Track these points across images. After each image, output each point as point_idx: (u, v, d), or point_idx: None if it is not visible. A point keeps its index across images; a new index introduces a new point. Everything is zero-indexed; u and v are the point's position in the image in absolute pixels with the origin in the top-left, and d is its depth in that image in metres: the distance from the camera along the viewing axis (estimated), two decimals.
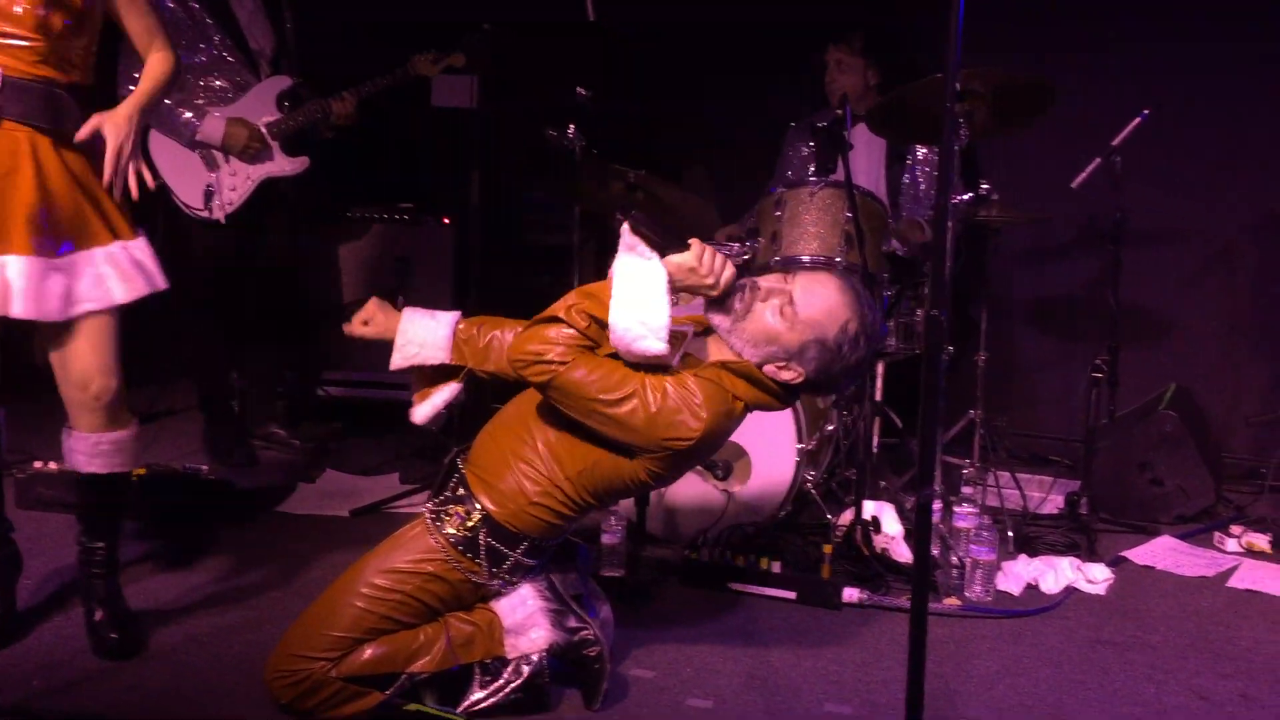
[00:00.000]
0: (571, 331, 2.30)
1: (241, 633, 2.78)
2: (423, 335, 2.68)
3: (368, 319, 2.76)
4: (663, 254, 2.32)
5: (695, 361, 2.45)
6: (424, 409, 2.67)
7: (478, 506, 2.41)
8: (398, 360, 2.69)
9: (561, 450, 2.40)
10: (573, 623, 2.48)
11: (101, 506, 2.73)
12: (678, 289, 2.35)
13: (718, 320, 2.42)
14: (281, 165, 4.11)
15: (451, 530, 2.41)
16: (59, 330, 2.55)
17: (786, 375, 2.40)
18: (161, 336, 3.88)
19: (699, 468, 3.49)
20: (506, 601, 2.46)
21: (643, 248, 2.32)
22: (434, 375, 2.70)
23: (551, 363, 2.28)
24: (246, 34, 4.05)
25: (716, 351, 2.46)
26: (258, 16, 4.09)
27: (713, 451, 2.57)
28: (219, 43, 3.97)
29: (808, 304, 2.38)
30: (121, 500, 2.77)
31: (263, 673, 2.38)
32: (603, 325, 2.31)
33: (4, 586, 2.74)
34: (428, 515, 2.46)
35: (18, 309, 2.43)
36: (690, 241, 2.34)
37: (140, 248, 2.63)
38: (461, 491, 2.44)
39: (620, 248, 2.35)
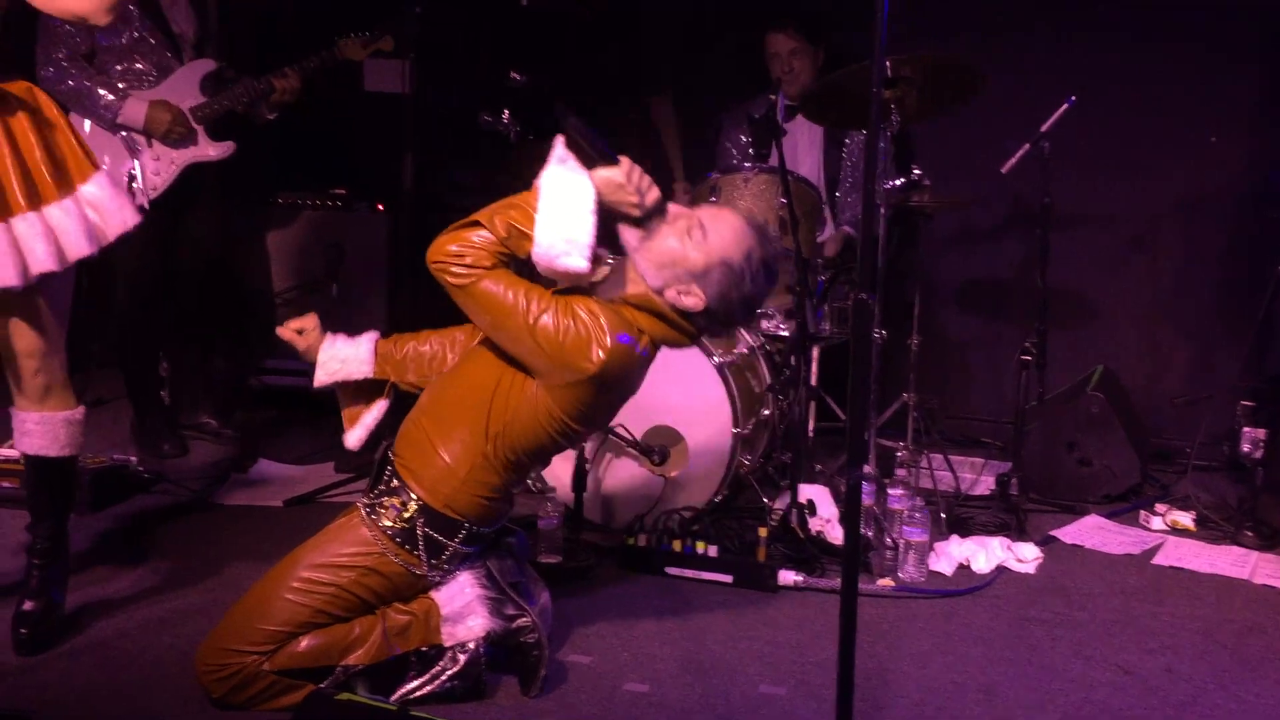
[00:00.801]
0: (491, 237, 2.31)
1: (172, 626, 2.74)
2: (345, 353, 2.70)
3: (303, 329, 2.74)
4: (592, 169, 2.32)
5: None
6: (356, 433, 2.69)
7: (413, 497, 2.40)
8: (321, 377, 2.70)
9: (476, 419, 2.39)
10: (510, 610, 2.48)
11: (44, 490, 2.68)
12: (603, 205, 2.34)
13: (629, 237, 2.42)
14: (206, 150, 4.04)
15: (388, 523, 2.40)
16: (8, 301, 2.47)
17: (688, 301, 2.41)
18: (89, 325, 3.80)
19: (635, 452, 3.50)
20: (444, 590, 2.45)
21: (574, 163, 2.33)
22: (359, 395, 2.71)
23: (472, 267, 2.29)
24: (168, 16, 3.97)
25: (622, 287, 2.47)
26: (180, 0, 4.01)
27: (620, 390, 2.48)
28: (139, 25, 3.89)
29: (716, 228, 2.41)
30: (66, 485, 2.72)
31: (194, 665, 2.35)
32: (524, 236, 2.31)
33: None
34: (362, 508, 2.44)
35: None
36: (620, 158, 2.34)
37: (101, 183, 2.55)
38: (395, 483, 2.43)
39: (551, 159, 2.35)
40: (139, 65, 3.93)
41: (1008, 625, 2.98)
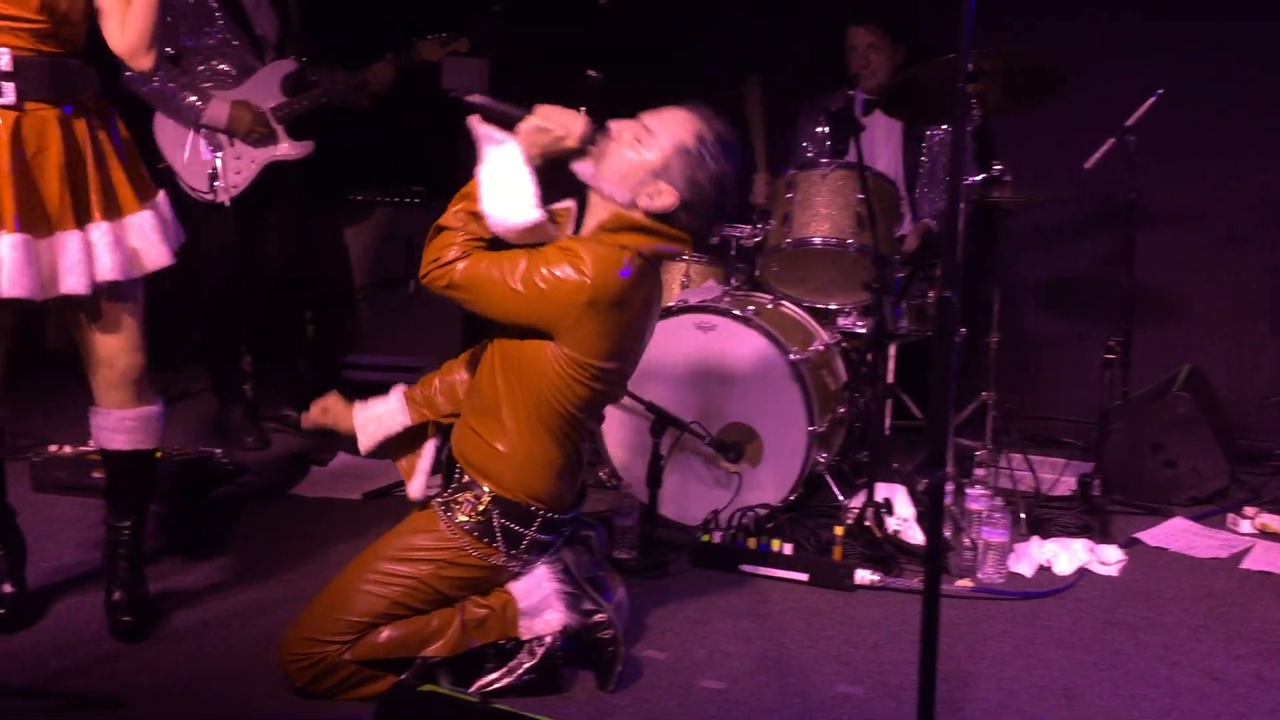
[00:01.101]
0: (456, 234, 2.36)
1: (255, 616, 2.79)
2: (378, 411, 2.70)
3: (326, 408, 2.77)
4: (515, 130, 2.38)
5: None
6: (417, 480, 2.65)
7: (485, 490, 2.42)
8: (364, 442, 2.69)
9: (513, 400, 2.40)
10: (587, 605, 2.49)
11: (127, 485, 2.75)
12: (539, 156, 2.39)
13: (582, 170, 2.45)
14: (286, 149, 4.11)
15: (463, 518, 2.42)
16: (85, 306, 2.56)
17: (661, 201, 2.40)
18: (174, 321, 3.89)
19: (710, 449, 3.49)
20: (522, 584, 2.46)
21: (495, 133, 2.38)
22: (407, 446, 2.70)
23: (450, 261, 2.34)
24: (252, 19, 4.05)
25: (595, 218, 2.49)
26: (263, 1, 4.09)
27: (625, 312, 2.39)
28: (224, 27, 3.97)
29: (660, 123, 2.44)
30: (146, 479, 2.79)
31: (277, 655, 2.40)
32: (479, 216, 2.35)
33: (13, 571, 2.75)
34: (438, 506, 2.47)
35: (64, 286, 2.46)
36: (535, 107, 2.39)
37: (164, 205, 2.65)
38: (466, 479, 2.45)
39: (478, 144, 2.40)
40: (222, 66, 4.01)
41: (1090, 629, 2.92)
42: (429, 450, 2.66)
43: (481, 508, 2.41)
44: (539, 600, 2.44)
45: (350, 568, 2.46)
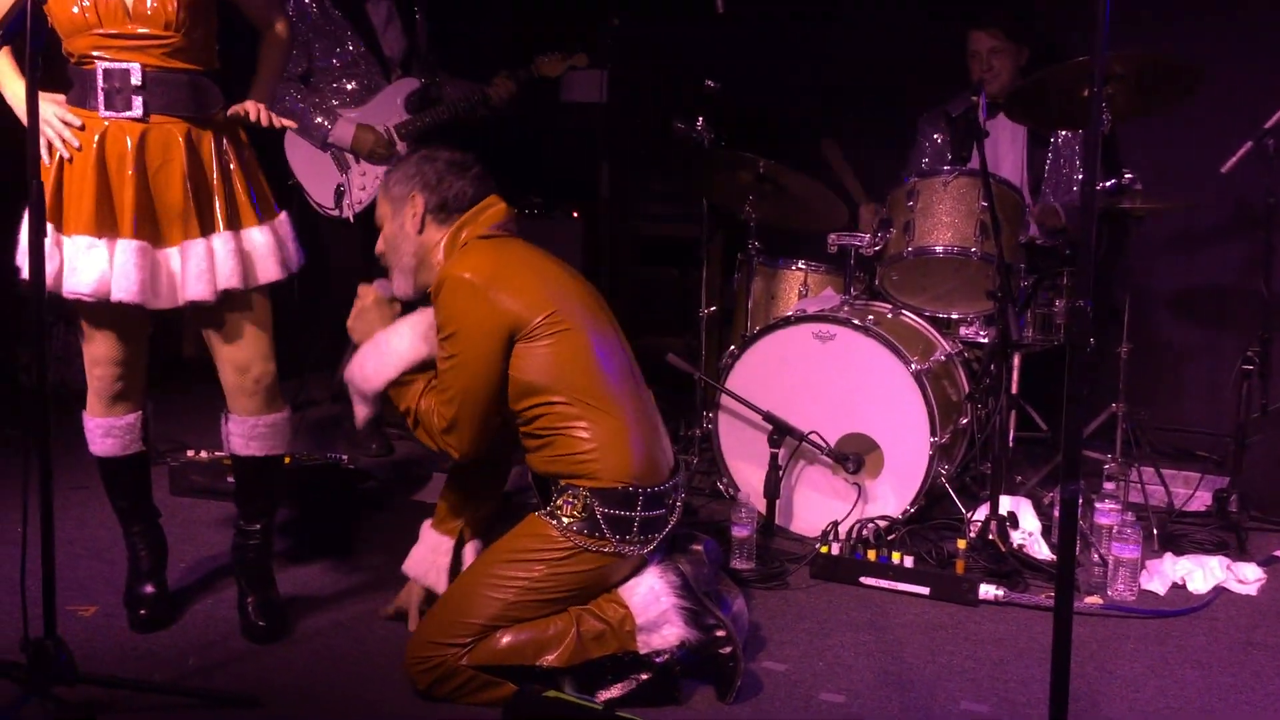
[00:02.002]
0: (411, 408, 2.59)
1: (383, 619, 2.85)
2: (422, 555, 2.86)
3: (400, 609, 2.88)
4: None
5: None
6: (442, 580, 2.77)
7: (579, 489, 2.44)
8: (436, 581, 2.82)
9: (539, 414, 2.50)
10: (709, 620, 2.48)
11: (257, 489, 2.84)
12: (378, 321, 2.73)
13: (400, 283, 2.70)
14: None
15: (568, 519, 2.44)
16: (217, 315, 2.67)
17: (418, 206, 2.62)
18: (300, 330, 4.00)
19: (830, 460, 3.46)
20: (640, 598, 2.46)
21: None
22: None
23: (444, 428, 2.53)
24: (381, 40, 4.15)
25: (428, 271, 2.67)
26: (393, 21, 4.19)
27: (513, 270, 2.57)
28: (354, 48, 4.08)
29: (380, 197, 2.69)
30: (275, 483, 2.89)
31: (404, 658, 2.45)
32: (400, 384, 2.61)
33: (155, 572, 2.86)
34: (544, 516, 2.49)
35: (189, 293, 2.58)
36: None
37: (284, 225, 2.75)
38: (561, 484, 2.48)
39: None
40: (350, 85, 4.12)
41: (1228, 650, 2.82)
42: (469, 550, 2.79)
43: (581, 505, 2.43)
44: (656, 615, 2.44)
45: (467, 573, 2.51)
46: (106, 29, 2.50)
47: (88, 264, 2.50)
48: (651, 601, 2.46)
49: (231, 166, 2.66)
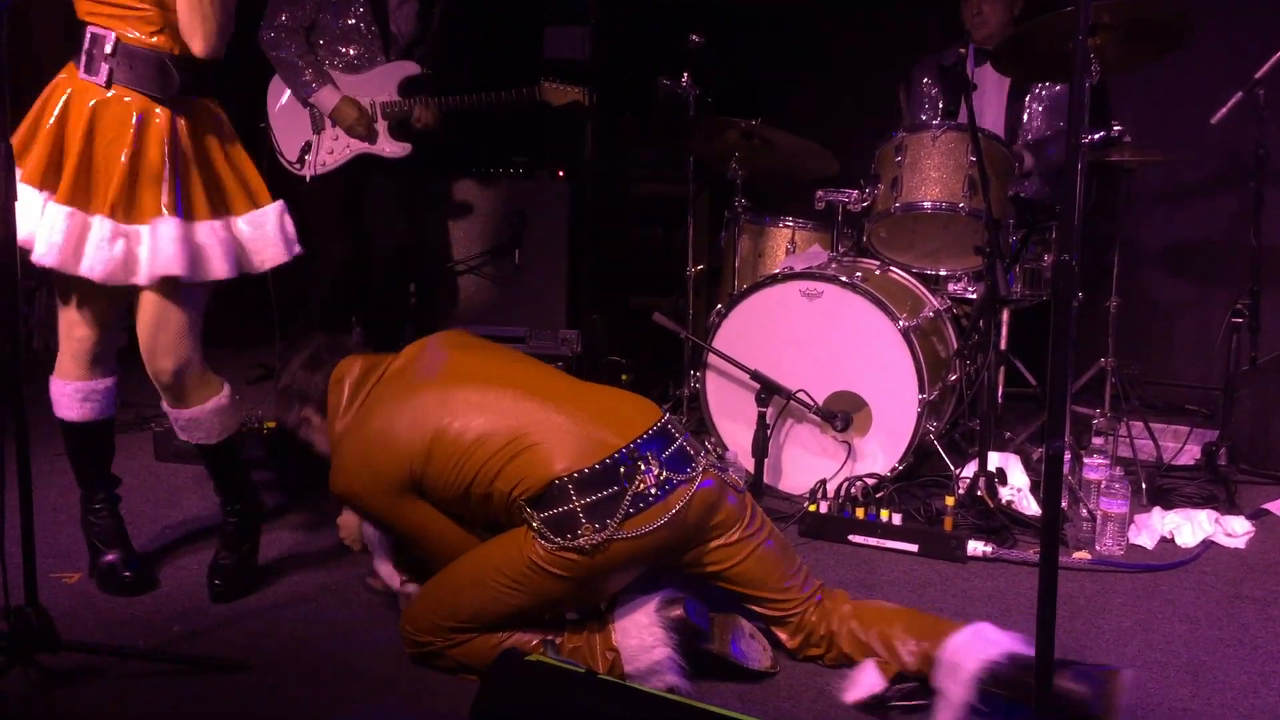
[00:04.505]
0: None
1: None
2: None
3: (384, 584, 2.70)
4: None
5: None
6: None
7: (522, 509, 2.32)
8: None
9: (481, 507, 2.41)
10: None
11: (218, 474, 2.83)
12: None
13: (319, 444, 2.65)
14: (383, 146, 4.18)
15: (536, 539, 2.30)
16: (132, 302, 2.61)
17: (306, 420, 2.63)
18: (286, 295, 3.97)
19: (818, 418, 3.45)
20: (630, 649, 2.32)
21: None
22: None
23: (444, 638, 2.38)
24: (392, 16, 4.12)
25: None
26: (409, 2, 4.15)
27: (377, 426, 2.42)
28: (361, 15, 4.05)
29: None
30: (230, 464, 2.83)
31: (400, 622, 2.45)
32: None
33: (119, 537, 2.82)
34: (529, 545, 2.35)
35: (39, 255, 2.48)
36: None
37: (261, 218, 2.65)
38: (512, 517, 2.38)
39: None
40: (346, 50, 4.09)
41: (1216, 603, 2.82)
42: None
43: (565, 508, 2.28)
44: (646, 667, 2.30)
45: (477, 560, 2.38)
46: None
47: (28, 214, 2.45)
48: (641, 652, 2.31)
49: (188, 154, 2.56)
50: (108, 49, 2.50)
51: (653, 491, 2.28)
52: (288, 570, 2.90)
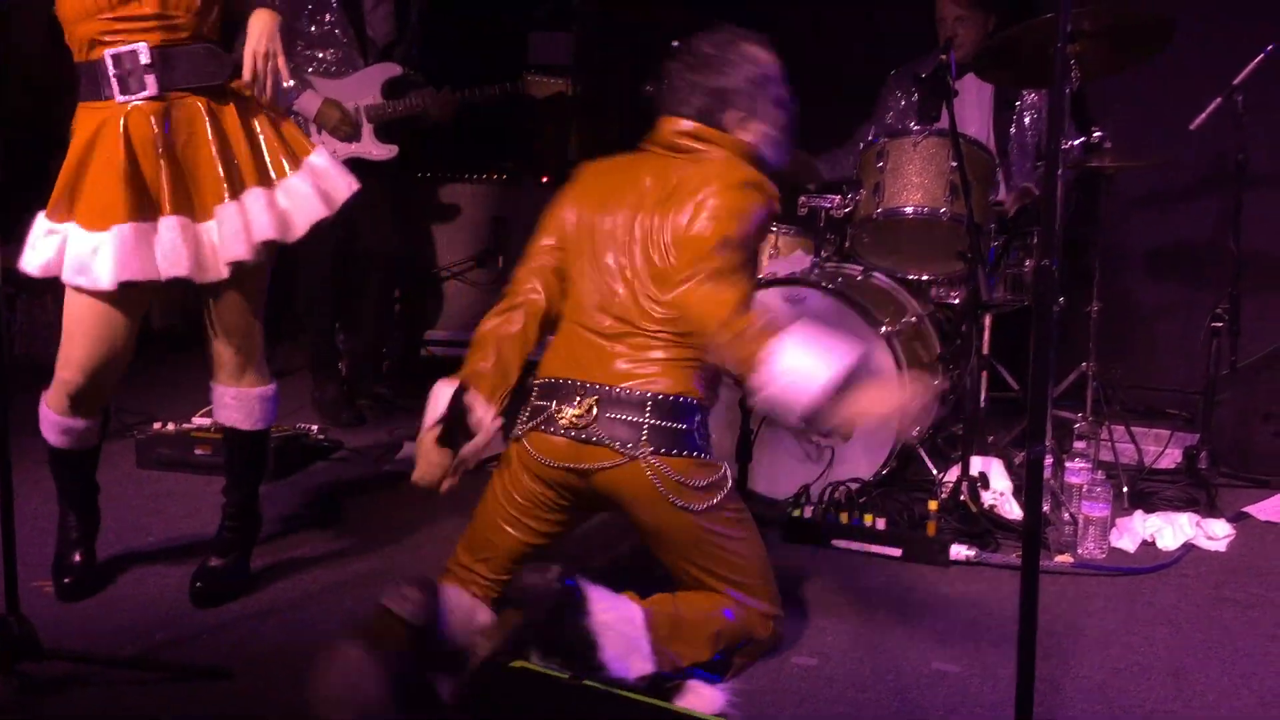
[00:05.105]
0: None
1: (353, 589, 2.84)
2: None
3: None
4: None
5: None
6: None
7: None
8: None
9: None
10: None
11: (239, 460, 2.82)
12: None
13: None
14: (369, 149, 4.18)
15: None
16: (215, 289, 2.63)
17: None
18: (270, 300, 3.96)
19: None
20: (612, 632, 2.28)
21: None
22: None
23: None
24: (367, 19, 4.12)
25: None
26: (383, 4, 4.15)
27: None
28: (334, 20, 4.04)
29: None
30: (260, 455, 2.86)
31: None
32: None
33: (85, 539, 2.82)
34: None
35: (227, 256, 2.54)
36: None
37: (319, 157, 2.70)
38: None
39: None
40: (323, 55, 4.08)
41: (1197, 606, 2.84)
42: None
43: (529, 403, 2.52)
44: (624, 649, 2.27)
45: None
46: (115, 13, 2.46)
47: (111, 253, 2.45)
48: (622, 635, 2.28)
49: (257, 125, 2.61)
50: (144, 60, 2.47)
51: (561, 426, 2.41)
52: (272, 578, 2.89)
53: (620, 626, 2.27)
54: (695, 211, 2.44)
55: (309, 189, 2.63)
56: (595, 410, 2.40)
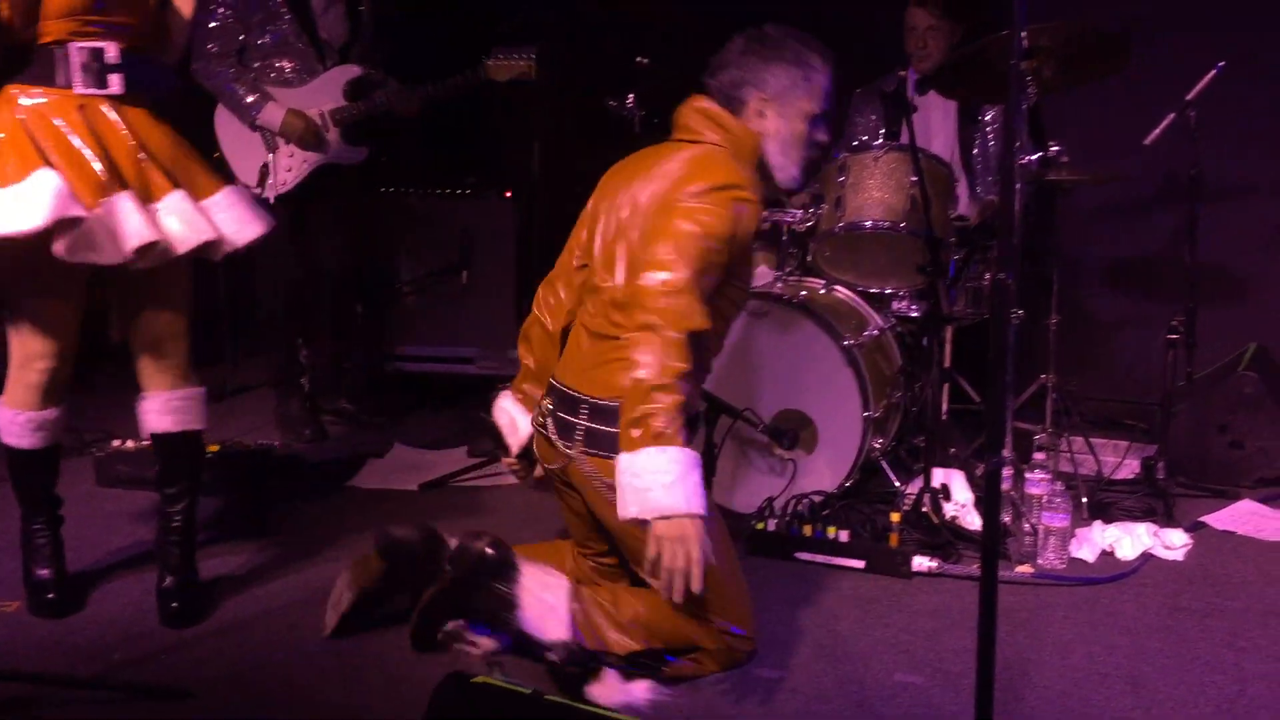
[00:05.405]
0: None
1: (315, 606, 2.80)
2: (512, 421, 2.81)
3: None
4: None
5: None
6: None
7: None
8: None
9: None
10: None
11: (175, 468, 2.80)
12: None
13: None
14: (339, 153, 4.15)
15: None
16: (143, 287, 2.65)
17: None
18: (233, 316, 3.94)
19: (764, 436, 3.47)
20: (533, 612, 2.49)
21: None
22: None
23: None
24: (319, 22, 4.09)
25: None
26: (334, 6, 4.12)
27: None
28: (288, 28, 4.01)
29: None
30: (195, 461, 2.84)
31: None
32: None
33: (56, 556, 2.81)
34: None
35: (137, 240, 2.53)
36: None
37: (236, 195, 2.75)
38: None
39: None
40: (282, 64, 4.06)
41: (1155, 615, 2.87)
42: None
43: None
44: (542, 613, 2.44)
45: None
46: (93, 15, 2.54)
47: (46, 195, 2.44)
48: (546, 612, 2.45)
49: (187, 146, 2.71)
50: (111, 59, 2.56)
51: (537, 423, 2.62)
52: (230, 596, 2.86)
53: (541, 592, 2.43)
54: (653, 223, 2.45)
55: (227, 216, 2.69)
56: (552, 408, 2.54)
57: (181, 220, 2.57)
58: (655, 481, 2.20)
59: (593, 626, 2.42)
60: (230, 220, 2.67)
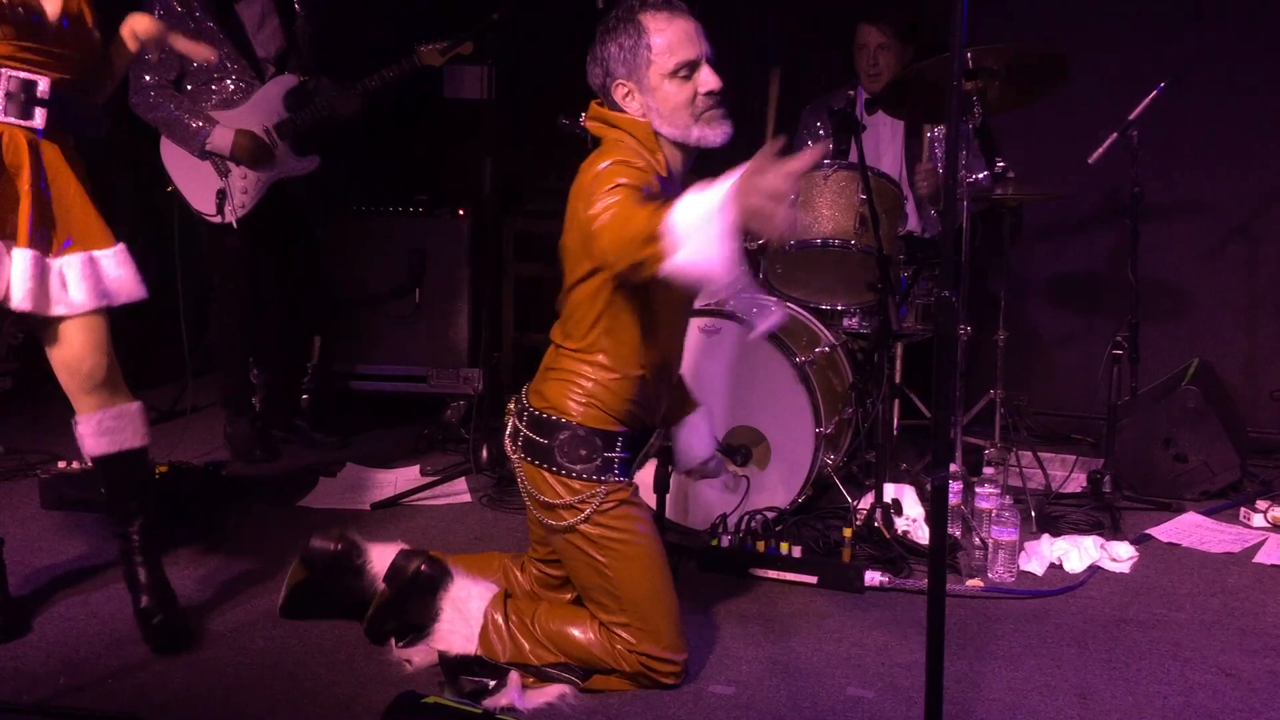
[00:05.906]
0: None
1: (264, 629, 2.79)
2: None
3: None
4: None
5: None
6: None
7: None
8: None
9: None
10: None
11: (122, 488, 2.75)
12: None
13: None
14: (291, 166, 4.12)
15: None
16: (51, 321, 2.61)
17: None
18: (183, 335, 3.90)
19: (720, 453, 3.48)
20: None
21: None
22: None
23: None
24: (254, 41, 4.06)
25: None
26: (268, 20, 4.09)
27: None
28: (225, 51, 3.97)
29: None
30: (141, 478, 2.79)
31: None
32: None
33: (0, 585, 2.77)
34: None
35: (17, 301, 2.52)
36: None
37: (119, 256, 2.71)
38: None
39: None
40: (221, 87, 4.02)
41: (1102, 626, 2.91)
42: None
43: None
44: (456, 627, 2.54)
45: None
46: (30, 42, 2.51)
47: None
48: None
49: (88, 190, 2.67)
50: (41, 93, 2.53)
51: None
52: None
53: (464, 605, 2.52)
54: (574, 231, 2.53)
55: (117, 273, 2.67)
56: (514, 411, 2.66)
57: (78, 277, 2.58)
58: (689, 220, 2.09)
59: (511, 636, 2.51)
60: (115, 279, 2.65)
